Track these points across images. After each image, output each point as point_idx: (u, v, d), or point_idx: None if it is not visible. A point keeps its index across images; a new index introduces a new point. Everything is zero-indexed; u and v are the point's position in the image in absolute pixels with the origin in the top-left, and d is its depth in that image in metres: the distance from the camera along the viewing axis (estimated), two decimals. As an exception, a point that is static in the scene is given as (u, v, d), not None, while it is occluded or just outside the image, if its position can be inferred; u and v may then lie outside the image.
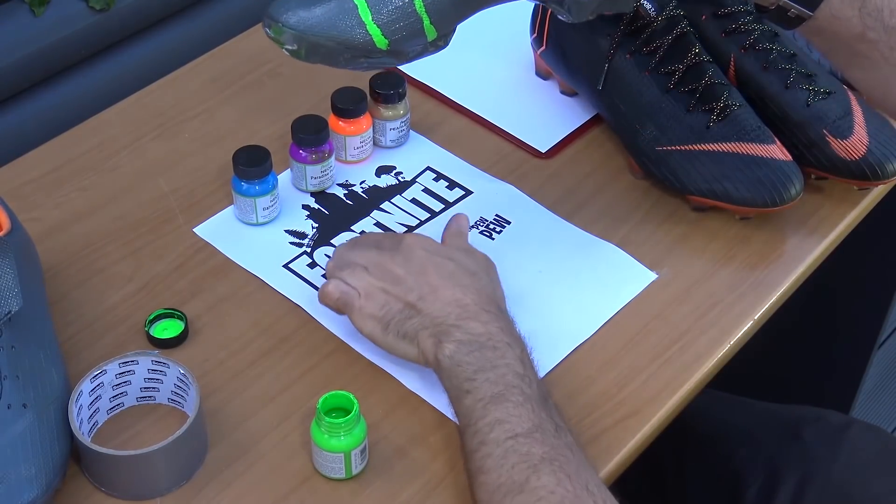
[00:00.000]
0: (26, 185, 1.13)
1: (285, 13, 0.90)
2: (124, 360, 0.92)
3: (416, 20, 0.90)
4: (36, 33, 1.20)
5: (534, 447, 0.81)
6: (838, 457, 1.09)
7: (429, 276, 0.92)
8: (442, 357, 0.89)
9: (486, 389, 0.85)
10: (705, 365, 1.00)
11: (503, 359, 0.87)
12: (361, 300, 0.93)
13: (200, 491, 0.90)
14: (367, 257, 0.95)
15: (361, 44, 0.89)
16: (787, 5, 0.89)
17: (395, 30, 0.89)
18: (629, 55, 1.11)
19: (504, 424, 0.83)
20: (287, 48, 0.90)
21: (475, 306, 0.90)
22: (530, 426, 0.83)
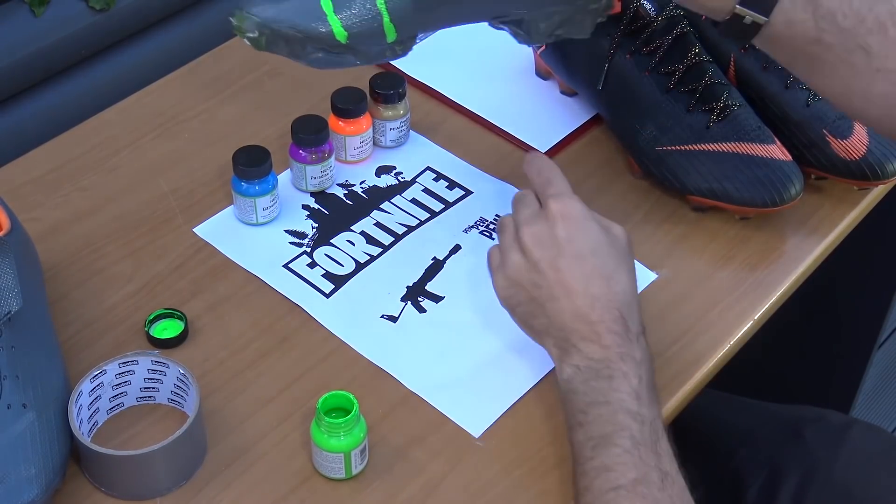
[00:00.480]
0: (26, 185, 1.13)
1: (250, 1, 0.91)
2: (124, 360, 0.92)
3: (377, 17, 0.90)
4: (36, 33, 1.20)
5: (635, 503, 0.81)
6: (839, 456, 1.09)
7: (563, 271, 0.89)
8: (560, 380, 0.88)
9: (596, 428, 0.84)
10: (705, 365, 1.00)
11: (617, 391, 0.85)
12: (498, 270, 0.92)
13: (200, 491, 0.90)
14: (523, 220, 0.92)
15: (321, 35, 0.90)
16: (743, 12, 0.89)
17: (354, 24, 0.90)
18: (629, 55, 1.11)
19: (609, 473, 0.82)
20: (248, 36, 0.91)
21: (601, 325, 0.87)
22: (634, 477, 0.81)
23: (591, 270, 0.89)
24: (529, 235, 0.91)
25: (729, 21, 0.90)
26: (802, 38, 0.89)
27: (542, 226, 0.91)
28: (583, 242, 0.90)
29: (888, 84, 0.89)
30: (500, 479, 0.91)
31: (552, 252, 0.89)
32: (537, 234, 0.90)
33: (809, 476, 1.08)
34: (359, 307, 1.03)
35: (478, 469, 0.92)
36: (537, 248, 0.90)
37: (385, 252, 1.07)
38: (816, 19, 0.89)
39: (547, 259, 0.89)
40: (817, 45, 0.89)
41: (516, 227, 0.92)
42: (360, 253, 1.07)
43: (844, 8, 0.88)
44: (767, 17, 0.89)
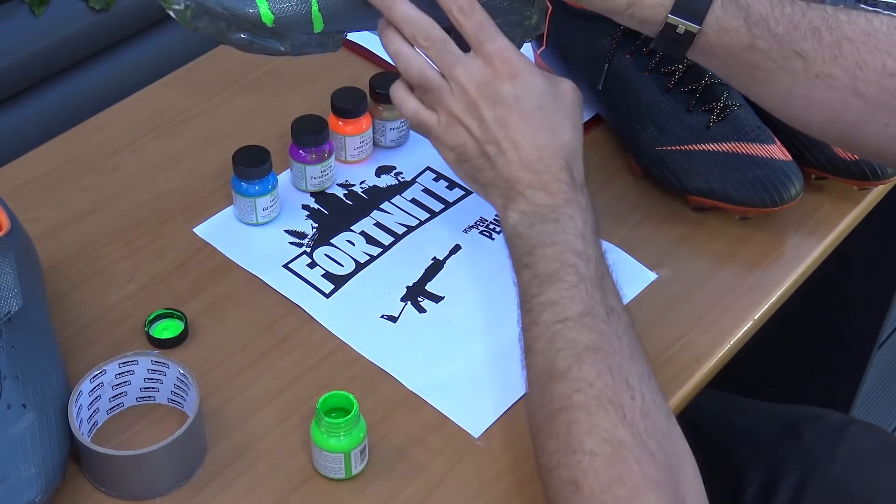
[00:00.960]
0: (26, 185, 1.13)
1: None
2: (124, 360, 0.92)
3: (305, 5, 0.90)
4: (36, 33, 1.20)
5: (581, 333, 0.82)
6: (838, 456, 1.09)
7: (511, 127, 0.89)
8: (505, 225, 0.89)
9: (542, 266, 0.86)
10: (705, 365, 1.00)
11: (563, 234, 0.86)
12: (441, 128, 0.92)
13: (200, 491, 0.90)
14: (466, 74, 0.90)
15: (248, 16, 0.90)
16: (675, 21, 0.90)
17: (282, 9, 0.90)
18: (629, 55, 1.11)
19: (555, 307, 0.84)
20: (174, 8, 0.90)
21: (547, 174, 0.88)
22: (581, 310, 0.83)
23: (537, 124, 0.89)
24: (479, 96, 0.89)
25: (662, 32, 0.91)
26: (737, 46, 0.90)
27: (490, 84, 0.89)
28: (530, 98, 0.89)
29: (828, 89, 0.90)
30: (499, 480, 0.91)
31: (501, 110, 0.89)
32: (485, 93, 0.89)
33: (808, 475, 1.08)
34: (359, 307, 1.03)
35: (478, 469, 0.92)
36: (487, 108, 0.89)
37: (385, 252, 1.07)
38: (749, 26, 0.89)
39: (496, 117, 0.89)
40: (752, 53, 0.90)
41: (459, 84, 0.90)
42: (360, 253, 1.07)
43: (776, 14, 0.89)
44: (700, 24, 0.89)
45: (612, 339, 0.83)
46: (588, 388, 0.80)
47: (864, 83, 0.89)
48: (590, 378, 0.81)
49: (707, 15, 0.89)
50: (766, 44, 0.89)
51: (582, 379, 0.81)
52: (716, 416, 1.18)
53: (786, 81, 0.91)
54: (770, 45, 0.89)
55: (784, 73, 0.90)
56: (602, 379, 0.81)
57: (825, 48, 0.89)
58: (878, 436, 1.14)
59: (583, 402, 0.80)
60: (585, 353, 0.82)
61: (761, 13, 0.89)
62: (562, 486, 0.80)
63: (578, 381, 0.81)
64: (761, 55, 0.90)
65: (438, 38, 0.90)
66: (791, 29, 0.89)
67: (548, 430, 0.82)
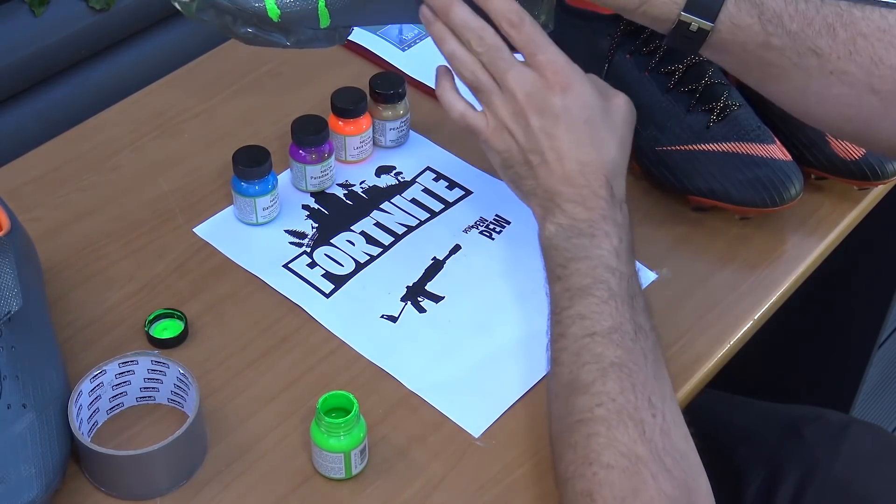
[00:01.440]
0: (26, 185, 1.13)
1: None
2: (124, 360, 0.92)
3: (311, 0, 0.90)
4: (36, 33, 1.20)
5: (608, 349, 0.83)
6: (838, 455, 1.09)
7: (557, 139, 0.89)
8: (542, 236, 0.90)
9: (575, 280, 0.86)
10: (705, 365, 1.00)
11: (598, 249, 0.87)
12: (489, 131, 0.92)
13: (200, 491, 0.90)
14: (517, 81, 0.90)
15: (254, 10, 0.89)
16: (688, 18, 0.89)
17: (288, 2, 0.89)
18: (629, 55, 1.11)
19: (584, 321, 0.84)
20: (180, 0, 0.90)
21: (587, 189, 0.88)
22: (609, 326, 0.84)
23: (583, 137, 0.89)
24: (528, 104, 0.90)
25: (675, 29, 0.90)
26: (751, 43, 0.90)
27: (540, 93, 0.89)
28: (579, 111, 0.90)
29: (843, 85, 0.89)
30: (500, 479, 0.91)
31: (548, 121, 0.89)
32: (534, 102, 0.89)
33: (808, 475, 1.08)
34: (359, 307, 1.03)
35: (478, 469, 0.92)
36: (535, 117, 0.89)
37: (385, 252, 1.07)
38: (763, 23, 0.89)
39: (542, 127, 0.89)
40: (767, 50, 0.90)
41: (510, 90, 0.90)
42: (360, 253, 1.07)
43: (790, 10, 0.89)
44: (713, 22, 0.89)
45: (638, 357, 0.83)
46: (610, 403, 0.81)
47: (880, 80, 0.89)
48: (613, 393, 0.81)
49: (720, 12, 0.89)
50: (780, 41, 0.89)
51: (605, 393, 0.81)
52: (716, 416, 1.18)
53: (800, 78, 0.90)
54: (784, 41, 0.89)
55: (799, 70, 0.90)
56: (625, 395, 0.81)
57: (840, 45, 0.89)
58: (878, 435, 1.14)
59: (604, 415, 0.80)
60: (611, 368, 0.82)
61: (775, 10, 0.89)
62: (576, 498, 0.80)
63: (601, 395, 0.81)
64: (776, 52, 0.90)
65: (493, 45, 0.90)
66: (805, 25, 0.89)
67: (566, 441, 0.82)
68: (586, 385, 0.82)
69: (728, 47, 0.91)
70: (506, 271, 1.05)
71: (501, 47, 0.90)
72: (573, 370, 0.83)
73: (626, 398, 0.81)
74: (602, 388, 0.81)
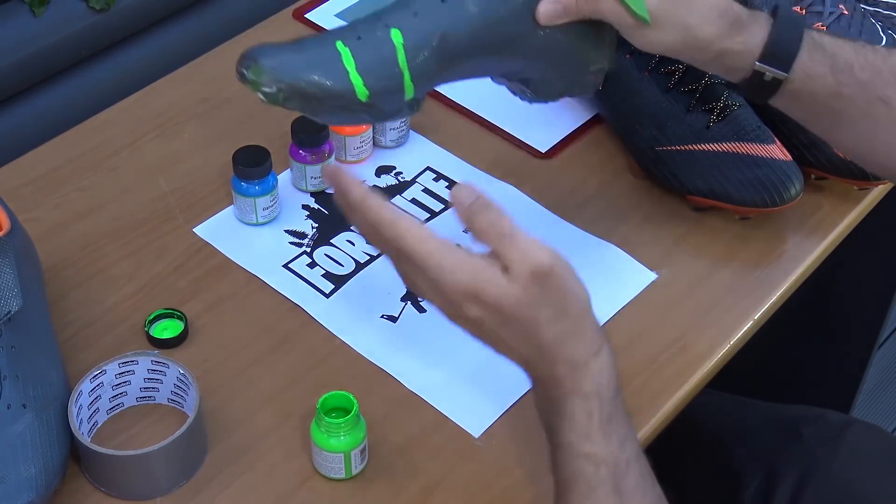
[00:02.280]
0: (26, 185, 1.13)
1: (266, 55, 0.87)
2: (124, 360, 0.92)
3: (398, 74, 0.88)
4: (36, 33, 1.19)
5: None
6: (837, 456, 1.09)
7: (502, 340, 0.81)
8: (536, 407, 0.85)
9: (558, 471, 0.81)
10: (705, 365, 1.00)
11: (568, 434, 0.79)
12: (466, 323, 0.82)
13: (200, 491, 0.90)
14: (490, 294, 0.78)
15: (342, 92, 0.87)
16: (763, 69, 0.90)
17: (376, 81, 0.87)
18: (629, 55, 1.11)
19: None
20: (264, 90, 0.87)
21: (545, 371, 0.81)
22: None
23: (525, 333, 0.80)
24: (501, 310, 0.79)
25: (749, 79, 0.90)
26: (822, 93, 0.90)
27: (514, 301, 0.78)
28: (511, 311, 0.79)
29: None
30: (499, 479, 0.91)
31: (478, 328, 0.81)
32: (509, 311, 0.78)
33: (807, 475, 1.08)
34: (359, 307, 1.03)
35: (478, 469, 0.92)
36: (505, 326, 0.79)
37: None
38: (835, 73, 0.89)
39: (489, 328, 0.81)
40: (837, 99, 0.90)
41: (487, 302, 0.78)
42: (360, 253, 1.07)
43: (861, 60, 0.89)
44: (788, 72, 0.89)
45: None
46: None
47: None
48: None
49: (794, 62, 0.89)
50: (850, 90, 0.89)
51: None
52: (716, 416, 1.18)
53: (869, 127, 0.91)
54: (854, 91, 0.90)
55: (868, 118, 0.90)
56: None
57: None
58: (877, 436, 1.14)
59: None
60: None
61: (847, 60, 0.89)
62: None
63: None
64: (846, 101, 0.90)
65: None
66: (875, 75, 0.90)
67: None
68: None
69: (799, 96, 0.91)
70: (506, 271, 1.05)
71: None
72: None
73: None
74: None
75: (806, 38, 0.89)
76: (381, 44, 0.87)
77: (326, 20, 1.32)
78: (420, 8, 0.87)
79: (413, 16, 0.87)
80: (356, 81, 0.86)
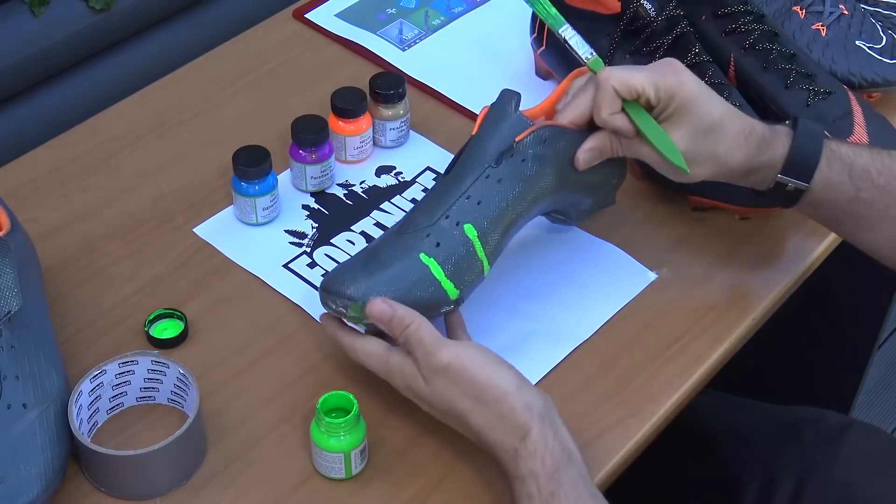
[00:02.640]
0: (26, 185, 1.13)
1: (351, 287, 0.90)
2: (124, 360, 0.92)
3: (478, 263, 0.93)
4: (36, 33, 1.19)
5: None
6: (837, 457, 1.09)
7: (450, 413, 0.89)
8: None
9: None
10: (705, 365, 1.00)
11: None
12: (414, 397, 0.92)
13: (200, 491, 0.90)
14: (412, 379, 0.90)
15: (436, 300, 0.92)
16: (785, 181, 0.95)
17: (464, 279, 0.93)
18: (629, 55, 1.11)
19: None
20: (364, 322, 0.91)
21: (496, 451, 0.86)
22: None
23: (455, 415, 0.88)
24: (432, 407, 0.89)
25: (773, 189, 0.95)
26: (842, 199, 0.95)
27: (434, 398, 0.88)
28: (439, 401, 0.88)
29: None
30: (500, 480, 0.91)
31: (454, 419, 0.88)
32: (437, 407, 0.88)
33: (807, 477, 1.08)
34: (359, 307, 1.03)
35: (478, 469, 0.92)
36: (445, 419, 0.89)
37: (385, 252, 1.07)
38: (853, 179, 0.94)
39: (451, 421, 0.89)
40: (857, 204, 0.94)
41: (418, 382, 0.88)
42: (360, 253, 1.07)
43: (877, 165, 0.94)
44: (809, 183, 0.94)
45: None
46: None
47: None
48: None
49: (815, 173, 0.93)
50: (869, 195, 0.94)
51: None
52: (716, 416, 1.18)
53: (889, 228, 0.95)
54: (874, 195, 0.94)
55: (887, 220, 0.95)
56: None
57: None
58: (877, 437, 1.14)
59: None
60: None
61: (864, 166, 0.94)
62: None
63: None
64: (865, 205, 0.95)
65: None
66: (892, 178, 0.94)
67: None
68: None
69: (820, 203, 0.96)
70: (506, 271, 1.05)
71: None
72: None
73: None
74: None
75: (825, 148, 0.94)
76: (459, 245, 0.92)
77: (326, 20, 1.32)
78: (481, 196, 0.93)
79: (478, 205, 0.93)
80: (448, 287, 0.92)
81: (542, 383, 0.97)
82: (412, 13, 1.33)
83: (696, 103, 0.93)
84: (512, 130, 0.94)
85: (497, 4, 1.35)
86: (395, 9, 1.34)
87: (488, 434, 0.86)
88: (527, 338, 1.00)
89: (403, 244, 0.92)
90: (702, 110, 0.93)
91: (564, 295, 1.04)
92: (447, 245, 0.92)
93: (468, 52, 1.27)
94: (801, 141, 0.94)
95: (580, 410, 0.95)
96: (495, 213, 0.93)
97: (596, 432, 0.94)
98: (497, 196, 0.93)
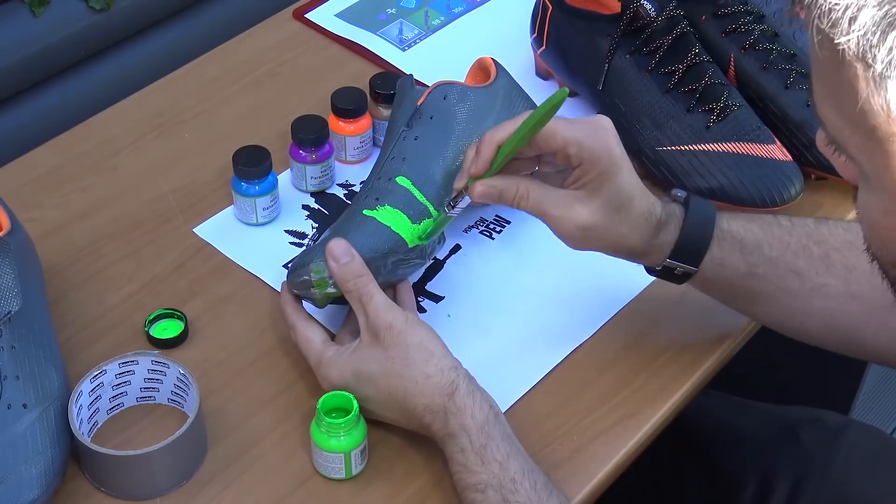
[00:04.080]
0: (26, 185, 1.13)
1: (312, 256, 0.94)
2: (124, 360, 0.92)
3: (420, 205, 0.97)
4: (36, 33, 1.20)
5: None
6: (835, 458, 1.09)
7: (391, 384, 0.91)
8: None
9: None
10: (705, 365, 1.00)
11: (455, 473, 0.88)
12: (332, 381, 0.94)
13: (200, 491, 0.90)
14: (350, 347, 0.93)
15: (394, 245, 0.95)
16: (672, 264, 0.93)
17: (414, 224, 0.96)
18: (629, 55, 1.11)
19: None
20: (327, 291, 0.93)
21: (424, 416, 0.89)
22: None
23: (388, 396, 0.91)
24: (359, 364, 0.91)
25: (660, 270, 0.94)
26: (735, 275, 0.93)
27: (375, 353, 0.90)
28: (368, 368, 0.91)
29: (825, 298, 0.93)
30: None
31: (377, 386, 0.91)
32: (365, 366, 0.90)
33: (805, 477, 1.08)
34: (359, 307, 1.03)
35: (478, 469, 0.92)
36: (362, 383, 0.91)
37: (385, 252, 1.07)
38: (744, 255, 0.92)
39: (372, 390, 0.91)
40: (750, 279, 0.93)
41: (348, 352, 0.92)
42: (360, 253, 1.07)
43: (769, 238, 0.93)
44: (697, 267, 0.93)
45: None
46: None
47: (857, 286, 0.92)
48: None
49: (704, 256, 0.92)
50: (762, 269, 0.93)
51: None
52: (713, 417, 1.18)
53: (785, 299, 0.94)
54: (766, 269, 0.93)
55: (782, 291, 0.93)
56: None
57: (816, 261, 0.93)
58: (876, 438, 1.14)
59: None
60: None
61: (755, 241, 0.93)
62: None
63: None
64: (759, 279, 0.93)
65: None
66: (784, 250, 0.93)
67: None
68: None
69: (712, 282, 0.94)
70: (506, 271, 1.05)
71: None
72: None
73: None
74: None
75: (716, 229, 0.92)
76: (397, 194, 0.97)
77: (326, 20, 1.32)
78: (405, 153, 1.00)
79: (403, 161, 0.99)
80: (401, 230, 0.95)
81: (542, 384, 0.97)
82: (412, 13, 1.33)
83: (617, 176, 0.89)
84: (413, 100, 1.03)
85: (497, 4, 1.35)
86: (395, 9, 1.34)
87: (415, 399, 0.88)
88: (526, 339, 1.00)
89: (349, 211, 0.98)
90: (621, 184, 0.89)
91: (563, 296, 1.04)
92: (386, 198, 0.97)
93: (468, 52, 1.26)
94: (691, 224, 0.91)
95: (580, 411, 0.95)
96: (423, 162, 0.99)
97: (595, 433, 0.94)
98: (418, 149, 1.00)
